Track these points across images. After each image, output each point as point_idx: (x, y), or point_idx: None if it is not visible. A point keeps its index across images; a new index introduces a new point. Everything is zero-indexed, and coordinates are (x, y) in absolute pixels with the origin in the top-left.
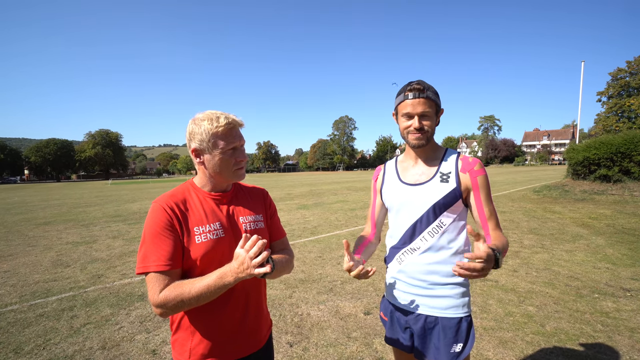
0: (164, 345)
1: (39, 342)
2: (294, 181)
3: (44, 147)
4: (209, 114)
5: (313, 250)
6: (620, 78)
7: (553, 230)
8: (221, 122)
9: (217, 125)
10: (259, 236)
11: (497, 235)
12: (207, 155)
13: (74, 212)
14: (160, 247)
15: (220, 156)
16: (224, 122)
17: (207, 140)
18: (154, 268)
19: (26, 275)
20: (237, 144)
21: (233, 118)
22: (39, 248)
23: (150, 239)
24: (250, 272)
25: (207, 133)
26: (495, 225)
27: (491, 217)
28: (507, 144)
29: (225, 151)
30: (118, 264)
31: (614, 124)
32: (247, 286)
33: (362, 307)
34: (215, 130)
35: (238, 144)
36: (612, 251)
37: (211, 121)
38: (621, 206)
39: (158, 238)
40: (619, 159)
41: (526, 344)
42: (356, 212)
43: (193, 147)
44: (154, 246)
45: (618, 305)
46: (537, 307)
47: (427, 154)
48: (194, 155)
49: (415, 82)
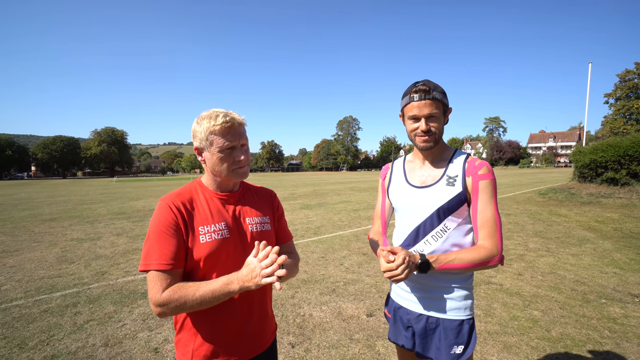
0: (166, 344)
1: (43, 338)
2: (298, 181)
3: (50, 144)
4: (211, 112)
5: (316, 251)
6: (628, 80)
7: (559, 233)
8: (219, 120)
9: (214, 124)
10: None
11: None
12: (206, 154)
13: (79, 208)
14: (163, 246)
15: (217, 155)
16: (221, 120)
17: (205, 138)
18: (155, 267)
19: (31, 270)
20: (235, 143)
21: (232, 116)
22: (44, 244)
23: (155, 237)
24: (257, 281)
25: (206, 131)
26: (487, 235)
27: (484, 225)
28: (512, 145)
29: (222, 150)
30: (122, 261)
31: (622, 126)
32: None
33: (365, 309)
34: (213, 128)
35: (237, 143)
36: (620, 256)
37: (210, 119)
38: (629, 210)
39: (162, 237)
40: (627, 161)
41: (531, 349)
42: (359, 213)
43: (195, 145)
44: (158, 245)
45: (626, 311)
46: (543, 312)
47: (435, 156)
48: (197, 153)
49: (421, 82)
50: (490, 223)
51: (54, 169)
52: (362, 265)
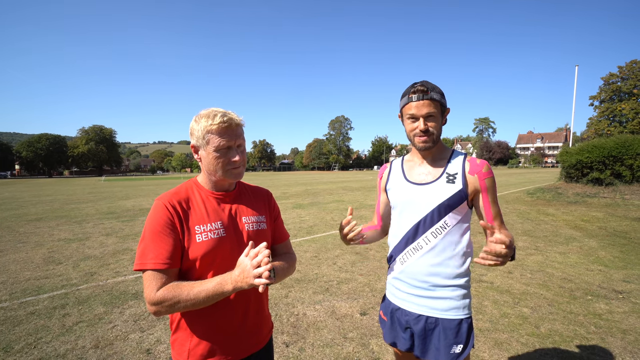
0: (158, 345)
1: (30, 341)
2: (290, 180)
3: (35, 142)
4: (210, 111)
5: (309, 250)
6: (612, 83)
7: (547, 232)
8: (216, 119)
9: (211, 123)
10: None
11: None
12: (202, 152)
13: (66, 208)
14: (159, 245)
15: (213, 154)
16: (218, 120)
17: (202, 137)
18: (151, 266)
19: (16, 272)
20: (232, 143)
21: (230, 116)
22: (29, 245)
23: (150, 237)
24: (249, 282)
25: (203, 130)
26: (501, 225)
27: (497, 217)
28: (501, 146)
29: (218, 149)
30: (111, 262)
31: (606, 127)
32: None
33: (359, 308)
34: (210, 127)
35: (234, 143)
36: (605, 253)
37: (208, 118)
38: (613, 209)
39: (158, 236)
40: (610, 162)
41: (521, 345)
42: None
43: (192, 143)
44: (153, 244)
45: (611, 307)
46: (532, 309)
47: (433, 155)
48: (193, 151)
49: (419, 83)
50: (500, 215)
51: (40, 168)
52: (355, 264)
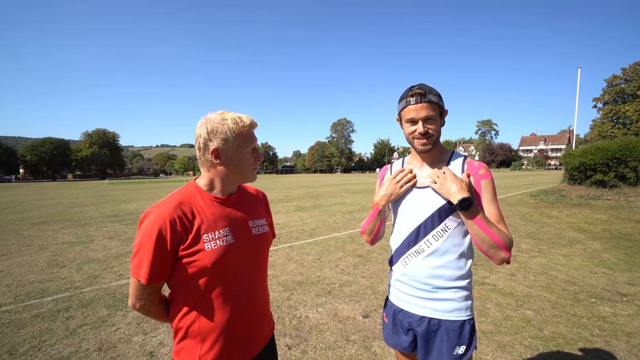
0: (161, 347)
1: (34, 343)
2: (292, 183)
3: (39, 146)
4: (230, 114)
5: (311, 253)
6: (615, 85)
7: (550, 234)
8: (245, 122)
9: (242, 125)
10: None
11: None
12: (230, 155)
13: (69, 211)
14: (154, 260)
15: (244, 156)
16: (247, 122)
17: (232, 139)
18: (143, 280)
19: (21, 275)
20: (255, 144)
21: (251, 118)
22: (34, 248)
23: (145, 249)
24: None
25: (233, 132)
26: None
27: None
28: (504, 148)
29: (248, 151)
30: (115, 265)
31: (610, 129)
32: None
33: (361, 310)
34: (241, 130)
35: (256, 144)
36: (609, 256)
37: (235, 121)
38: (617, 211)
39: (152, 250)
40: (614, 164)
41: (524, 348)
42: (354, 215)
43: (214, 147)
44: (147, 258)
45: (615, 310)
46: (535, 311)
47: (433, 157)
48: (214, 156)
49: (417, 86)
50: (497, 217)
51: (44, 172)
52: (357, 266)
